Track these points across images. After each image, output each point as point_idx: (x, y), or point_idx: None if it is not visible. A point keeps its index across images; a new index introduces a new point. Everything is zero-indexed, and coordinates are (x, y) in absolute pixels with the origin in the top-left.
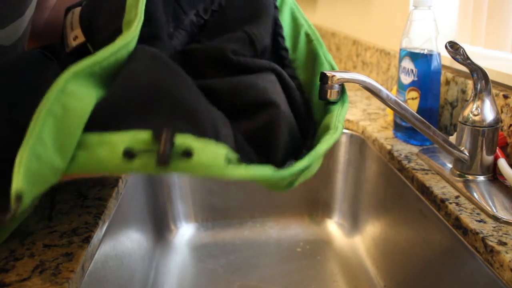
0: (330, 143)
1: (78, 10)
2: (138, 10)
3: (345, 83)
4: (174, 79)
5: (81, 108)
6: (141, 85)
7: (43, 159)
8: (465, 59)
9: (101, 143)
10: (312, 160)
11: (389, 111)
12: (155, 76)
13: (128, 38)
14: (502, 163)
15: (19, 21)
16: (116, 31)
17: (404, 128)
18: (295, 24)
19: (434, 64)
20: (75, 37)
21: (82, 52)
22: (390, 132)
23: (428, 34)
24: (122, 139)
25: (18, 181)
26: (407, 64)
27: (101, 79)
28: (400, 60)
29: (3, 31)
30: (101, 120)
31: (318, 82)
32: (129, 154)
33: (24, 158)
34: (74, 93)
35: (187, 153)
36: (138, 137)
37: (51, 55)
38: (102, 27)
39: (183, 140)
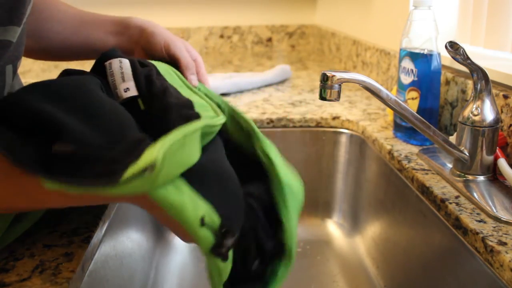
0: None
1: (127, 63)
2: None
3: (344, 83)
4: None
5: (191, 157)
6: (227, 173)
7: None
8: (465, 59)
9: (190, 197)
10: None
11: (389, 111)
12: (230, 169)
13: (223, 120)
14: (502, 163)
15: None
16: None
17: (404, 128)
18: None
19: (434, 64)
20: (127, 89)
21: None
22: (390, 132)
23: (428, 34)
24: (203, 207)
25: (158, 152)
26: (407, 64)
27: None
28: (400, 60)
29: (19, 29)
30: (195, 177)
31: None
32: (202, 223)
33: (167, 143)
34: (190, 143)
35: (226, 258)
36: (212, 215)
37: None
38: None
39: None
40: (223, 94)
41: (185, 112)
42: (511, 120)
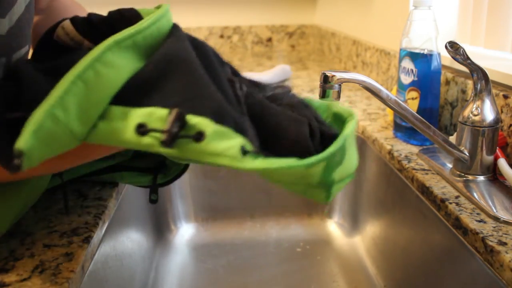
0: (352, 127)
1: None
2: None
3: (344, 83)
4: (208, 65)
5: (115, 78)
6: (174, 63)
7: (61, 122)
8: (465, 59)
9: (122, 115)
10: (339, 146)
11: (389, 111)
12: (190, 57)
13: (166, 7)
14: (502, 163)
15: (11, 11)
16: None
17: (404, 128)
18: None
19: (434, 64)
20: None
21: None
22: (390, 132)
23: (428, 34)
24: (139, 114)
25: (23, 139)
26: (407, 64)
27: (144, 51)
28: (400, 60)
29: (4, 20)
30: (130, 94)
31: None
32: (141, 130)
33: (36, 118)
34: (111, 62)
35: (198, 137)
36: (154, 114)
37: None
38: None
39: (197, 121)
40: None
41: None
42: (511, 120)
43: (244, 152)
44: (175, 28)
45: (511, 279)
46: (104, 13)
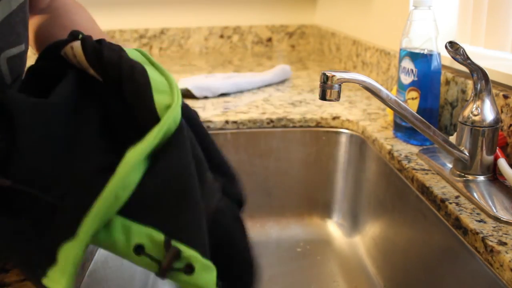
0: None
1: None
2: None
3: (344, 83)
4: (201, 189)
5: (127, 196)
6: (177, 185)
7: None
8: (465, 59)
9: (124, 230)
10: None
11: (389, 111)
12: (191, 183)
13: (178, 104)
14: (502, 163)
15: None
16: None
17: (404, 128)
18: None
19: (434, 64)
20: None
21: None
22: (390, 132)
23: (428, 34)
24: (139, 232)
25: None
26: (407, 64)
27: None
28: (400, 60)
29: None
30: (132, 205)
31: None
32: (138, 250)
33: (72, 258)
34: (129, 184)
35: (188, 270)
36: (152, 238)
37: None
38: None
39: (189, 255)
40: (223, 94)
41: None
42: (511, 120)
43: (217, 285)
44: (179, 131)
45: (511, 279)
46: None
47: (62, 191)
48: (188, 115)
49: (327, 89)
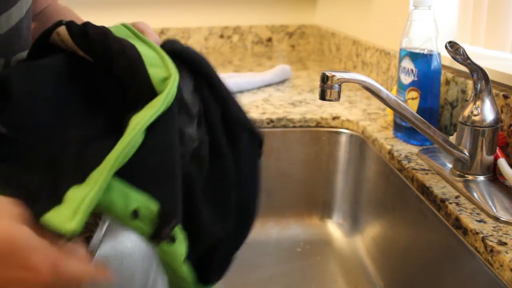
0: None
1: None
2: (170, 68)
3: (344, 83)
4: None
5: (126, 160)
6: (165, 159)
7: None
8: (465, 59)
9: (123, 195)
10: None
11: (389, 111)
12: (176, 155)
13: (175, 80)
14: (502, 163)
15: (10, 11)
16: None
17: (404, 128)
18: None
19: (434, 64)
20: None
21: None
22: (390, 132)
23: (428, 34)
24: (136, 199)
25: (73, 222)
26: (407, 64)
27: None
28: (400, 60)
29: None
30: (131, 173)
31: None
32: (135, 215)
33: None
34: (133, 147)
35: (172, 240)
36: (148, 206)
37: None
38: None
39: (176, 229)
40: None
41: (131, 62)
42: (511, 120)
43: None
44: (173, 105)
45: (511, 279)
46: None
47: (62, 144)
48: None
49: (327, 89)
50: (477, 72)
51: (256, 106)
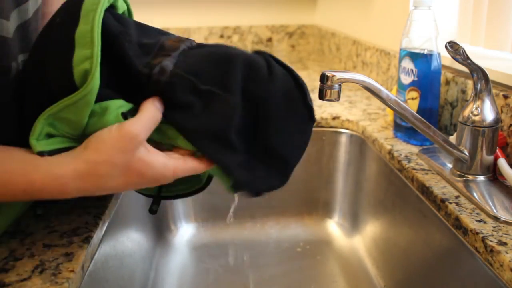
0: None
1: None
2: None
3: (344, 83)
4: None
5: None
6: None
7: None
8: (465, 59)
9: (103, 110)
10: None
11: (389, 111)
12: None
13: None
14: (502, 163)
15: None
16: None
17: (404, 128)
18: None
19: (434, 64)
20: None
21: None
22: (390, 132)
23: (428, 34)
24: (117, 105)
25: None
26: (407, 64)
27: None
28: (400, 60)
29: (7, 22)
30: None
31: None
32: (124, 116)
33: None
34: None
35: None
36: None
37: None
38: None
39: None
40: None
41: None
42: (511, 120)
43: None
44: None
45: (511, 279)
46: None
47: None
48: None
49: (327, 89)
50: (477, 72)
51: None
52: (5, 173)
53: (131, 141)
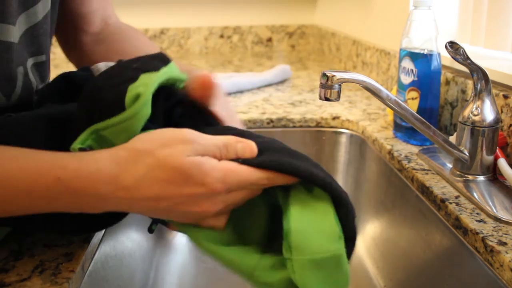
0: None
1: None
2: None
3: (344, 83)
4: None
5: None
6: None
7: None
8: (465, 59)
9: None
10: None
11: (389, 111)
12: None
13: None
14: (502, 163)
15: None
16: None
17: (404, 128)
18: None
19: (434, 64)
20: None
21: None
22: (390, 132)
23: (428, 34)
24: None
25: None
26: (407, 64)
27: None
28: (400, 60)
29: (12, 27)
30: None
31: None
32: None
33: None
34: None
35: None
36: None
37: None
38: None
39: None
40: None
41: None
42: (511, 120)
43: None
44: None
45: (511, 279)
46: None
47: None
48: None
49: (327, 89)
50: (477, 72)
51: (256, 106)
52: (38, 161)
53: (182, 142)
